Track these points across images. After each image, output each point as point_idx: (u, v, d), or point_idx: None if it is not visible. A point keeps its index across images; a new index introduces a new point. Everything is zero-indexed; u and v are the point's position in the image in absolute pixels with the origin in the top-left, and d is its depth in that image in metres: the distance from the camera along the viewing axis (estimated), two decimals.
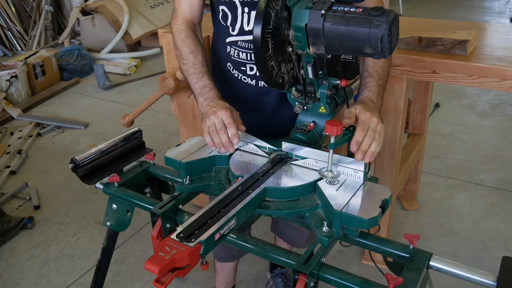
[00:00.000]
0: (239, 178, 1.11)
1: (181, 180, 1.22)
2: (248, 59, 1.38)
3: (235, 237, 1.12)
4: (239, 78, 1.44)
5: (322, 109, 1.25)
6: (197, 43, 1.38)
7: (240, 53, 1.38)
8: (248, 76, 1.42)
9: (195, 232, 0.91)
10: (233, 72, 1.44)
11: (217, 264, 1.88)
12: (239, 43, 1.38)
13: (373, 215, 0.96)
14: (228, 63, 1.44)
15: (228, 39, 1.39)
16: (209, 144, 1.24)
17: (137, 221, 2.47)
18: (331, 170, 1.11)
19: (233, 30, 1.37)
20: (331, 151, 1.08)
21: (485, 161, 3.05)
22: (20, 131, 3.63)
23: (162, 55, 2.60)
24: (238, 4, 1.31)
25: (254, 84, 1.42)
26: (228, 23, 1.37)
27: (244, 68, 1.41)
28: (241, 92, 1.46)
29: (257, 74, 1.39)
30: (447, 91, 4.09)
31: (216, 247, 0.95)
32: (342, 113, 1.86)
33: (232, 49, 1.40)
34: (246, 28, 1.34)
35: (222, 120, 1.21)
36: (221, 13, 1.37)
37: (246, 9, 1.32)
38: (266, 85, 1.40)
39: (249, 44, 1.35)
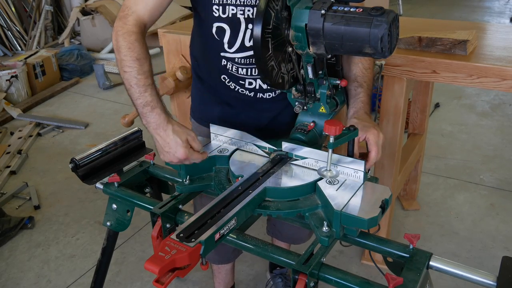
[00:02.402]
0: (239, 178, 1.11)
1: (181, 180, 1.22)
2: (249, 74, 1.34)
3: (235, 237, 1.12)
4: (236, 89, 1.39)
5: (322, 109, 1.25)
6: (145, 50, 1.20)
7: (240, 68, 1.34)
8: (246, 89, 1.37)
9: (195, 232, 0.91)
10: (229, 84, 1.38)
11: (213, 266, 1.88)
12: (236, 60, 1.32)
13: (373, 215, 0.96)
14: (223, 75, 1.37)
15: (223, 54, 1.33)
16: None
17: (137, 221, 2.47)
18: (330, 170, 1.11)
19: (230, 47, 1.31)
20: (330, 150, 1.08)
21: (485, 161, 3.05)
22: (20, 131, 3.63)
23: (162, 55, 2.59)
24: (242, 20, 1.27)
25: (252, 96, 1.38)
26: (225, 40, 1.30)
27: (243, 82, 1.36)
28: (236, 99, 1.42)
29: (256, 87, 1.36)
30: (447, 91, 4.09)
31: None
32: (342, 113, 1.87)
33: (229, 63, 1.34)
34: (247, 44, 1.29)
35: (180, 159, 1.15)
36: (214, 29, 1.30)
37: (250, 25, 1.27)
38: (263, 97, 1.38)
39: (250, 60, 1.31)
